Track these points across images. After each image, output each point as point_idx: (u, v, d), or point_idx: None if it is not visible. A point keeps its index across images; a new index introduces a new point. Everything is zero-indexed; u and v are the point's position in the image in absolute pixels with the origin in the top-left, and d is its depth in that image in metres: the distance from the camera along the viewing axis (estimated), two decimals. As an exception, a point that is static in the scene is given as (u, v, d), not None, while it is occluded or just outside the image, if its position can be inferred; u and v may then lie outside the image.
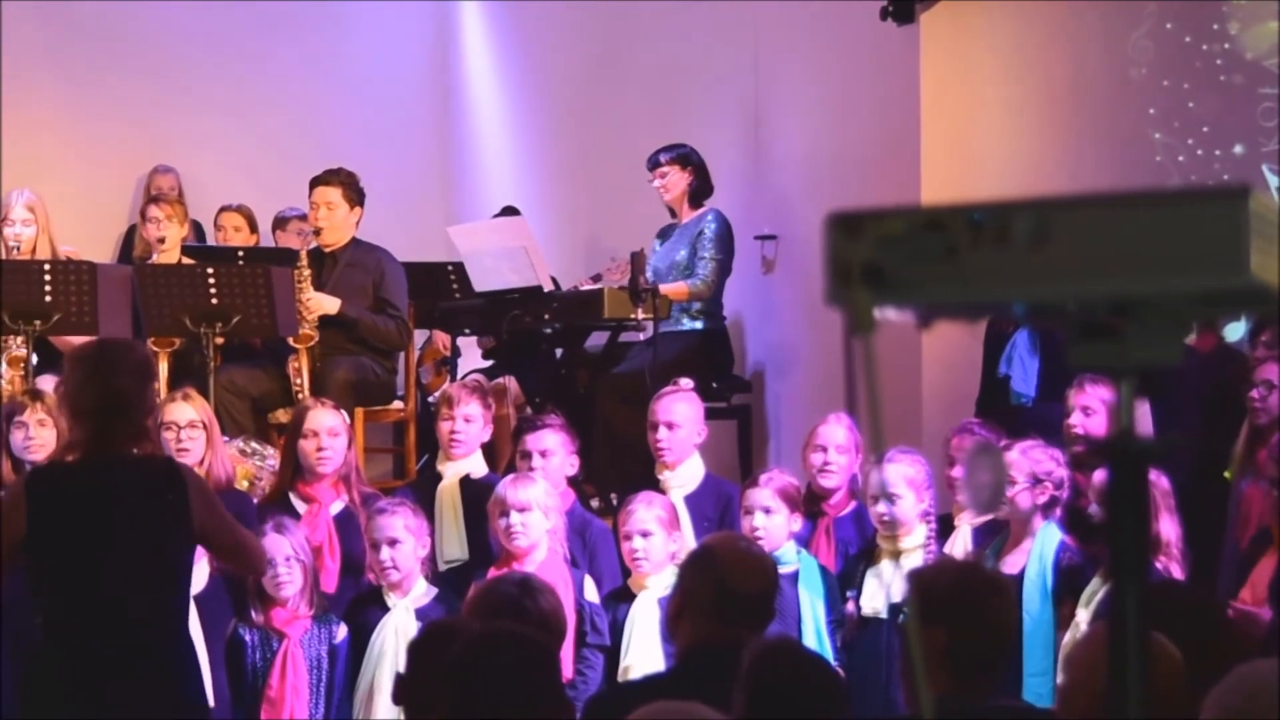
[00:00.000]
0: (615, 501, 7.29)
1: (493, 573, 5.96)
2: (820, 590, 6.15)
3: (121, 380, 4.67)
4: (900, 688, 4.91)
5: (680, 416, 6.79)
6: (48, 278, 7.65)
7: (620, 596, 6.20)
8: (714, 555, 4.31)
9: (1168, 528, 5.67)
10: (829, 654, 5.96)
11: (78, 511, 4.65)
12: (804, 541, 6.36)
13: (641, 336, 8.14)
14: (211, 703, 5.57)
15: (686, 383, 7.09)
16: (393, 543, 6.03)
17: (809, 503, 6.45)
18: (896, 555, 6.10)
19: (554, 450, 6.64)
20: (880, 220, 1.93)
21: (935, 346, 7.92)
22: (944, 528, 6.29)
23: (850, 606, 6.12)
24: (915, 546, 6.10)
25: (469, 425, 6.86)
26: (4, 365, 7.96)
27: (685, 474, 6.77)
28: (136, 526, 4.66)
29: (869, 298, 1.91)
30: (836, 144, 8.75)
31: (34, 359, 7.72)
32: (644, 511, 6.16)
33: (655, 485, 6.64)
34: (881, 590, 6.05)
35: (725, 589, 4.16)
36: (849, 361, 1.92)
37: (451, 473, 6.87)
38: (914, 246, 1.91)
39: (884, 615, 5.98)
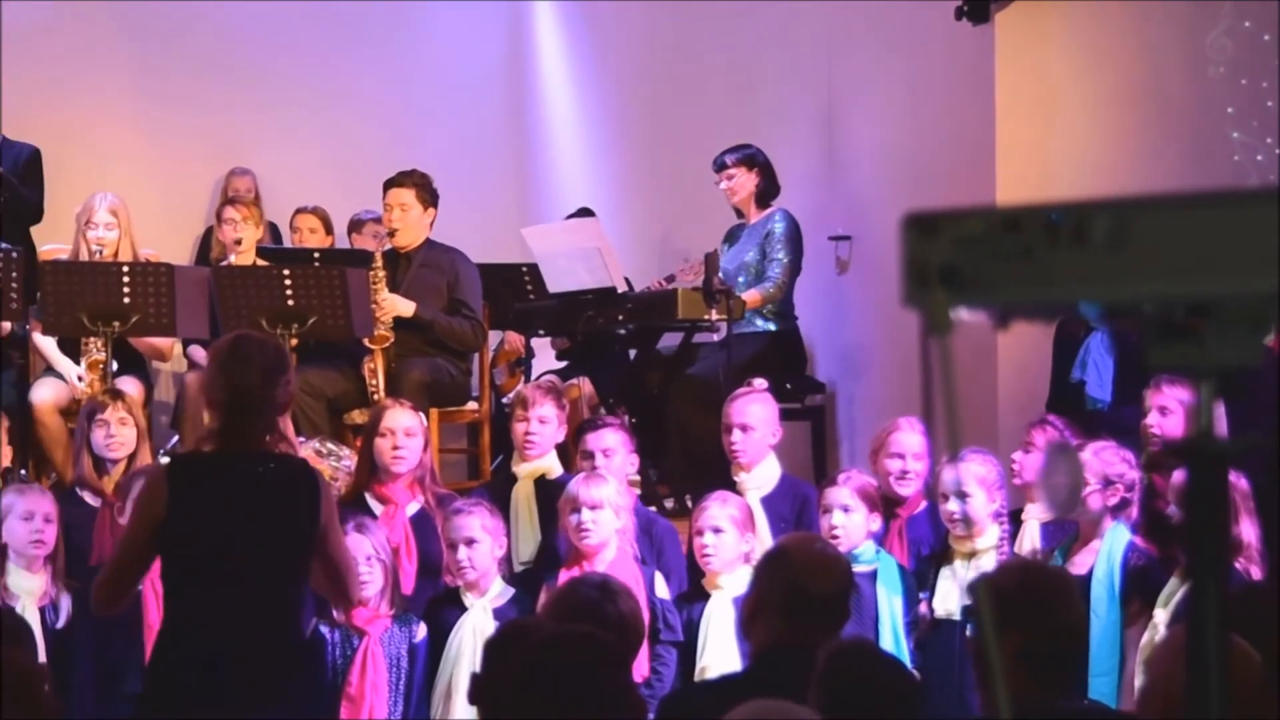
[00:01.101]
0: (690, 503, 7.30)
1: (564, 572, 5.99)
2: (899, 590, 6.13)
3: (250, 375, 4.72)
4: (974, 689, 4.89)
5: (754, 418, 6.78)
6: (126, 280, 7.71)
7: (693, 596, 6.21)
8: (788, 556, 4.30)
9: (1248, 530, 5.65)
10: (906, 655, 5.95)
11: (215, 502, 4.71)
12: (879, 541, 6.34)
13: (715, 337, 8.13)
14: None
15: (760, 383, 7.07)
16: (470, 542, 6.05)
17: (883, 503, 6.44)
18: (970, 556, 6.08)
19: (615, 449, 6.64)
20: (957, 221, 1.93)
21: (1010, 348, 7.89)
22: (1014, 524, 6.28)
23: (924, 607, 6.11)
24: (989, 547, 6.08)
25: (544, 426, 6.86)
26: (84, 366, 8.04)
27: (761, 475, 6.76)
28: (269, 521, 4.72)
29: (946, 299, 1.90)
30: (911, 144, 8.73)
31: (115, 367, 7.79)
32: (717, 509, 6.16)
33: (731, 486, 6.63)
34: (955, 591, 6.03)
35: (800, 590, 4.15)
36: (925, 363, 1.92)
37: (526, 474, 6.88)
38: (991, 247, 1.91)
39: (957, 616, 5.96)
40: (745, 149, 8.75)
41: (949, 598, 6.05)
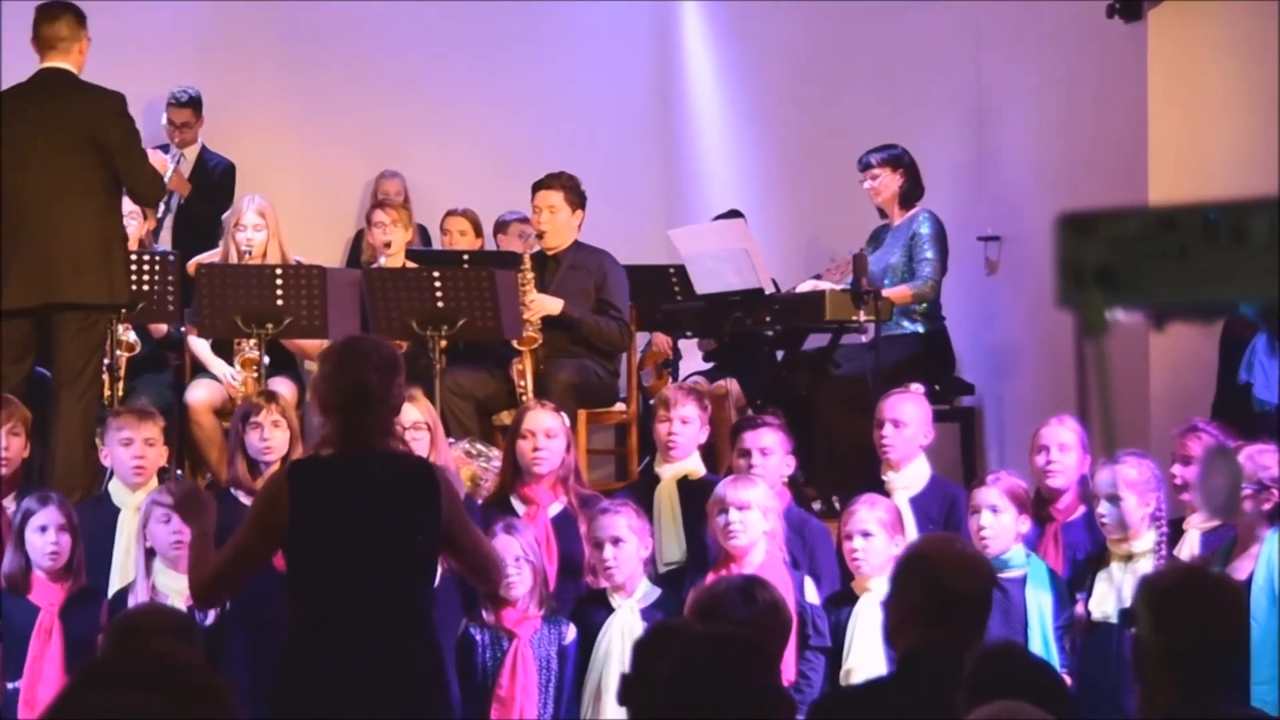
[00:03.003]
0: (837, 505, 7.28)
1: (712, 575, 5.99)
2: (1049, 594, 6.08)
3: (367, 375, 4.74)
4: (1132, 693, 4.84)
5: (907, 415, 6.76)
6: (279, 282, 7.81)
7: (842, 599, 6.19)
8: (927, 559, 4.27)
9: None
10: (1056, 659, 5.89)
11: (336, 505, 4.73)
12: (1032, 545, 6.29)
13: (863, 339, 8.10)
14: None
15: (917, 388, 7.08)
16: (616, 541, 6.06)
17: (1037, 507, 6.38)
18: (1127, 559, 6.01)
19: (772, 449, 6.64)
20: (1113, 221, 1.91)
21: (1163, 348, 7.79)
22: (1175, 532, 6.20)
23: (1080, 609, 6.05)
24: (1146, 551, 6.01)
25: (685, 427, 6.87)
26: (237, 365, 8.15)
27: (911, 475, 6.75)
28: (391, 522, 4.73)
29: (1102, 299, 1.89)
30: (1061, 143, 8.64)
31: (266, 361, 7.88)
32: (865, 512, 6.16)
33: (877, 488, 6.61)
34: (1112, 594, 5.96)
35: (941, 591, 4.13)
36: (1080, 364, 1.91)
37: (669, 474, 6.89)
38: (1147, 247, 1.89)
39: (1114, 619, 5.89)
40: (890, 149, 8.70)
41: (1106, 601, 5.98)
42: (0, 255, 7.22)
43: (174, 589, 5.95)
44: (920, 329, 8.50)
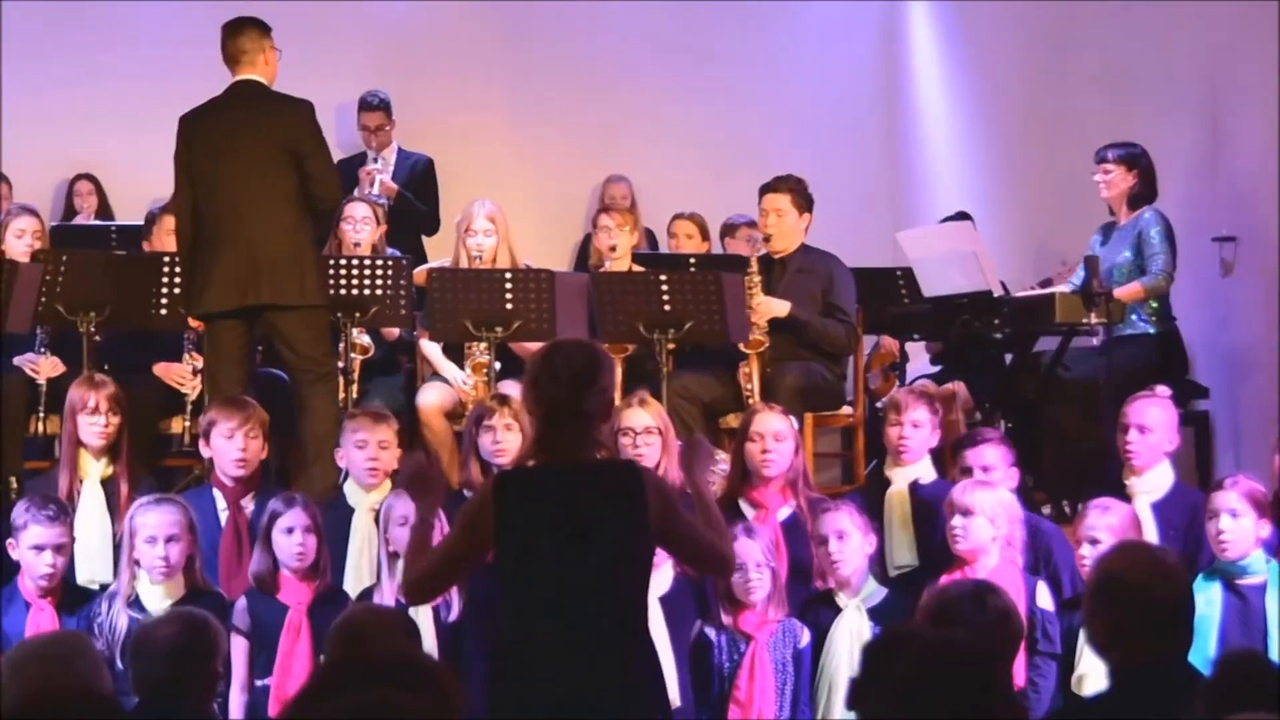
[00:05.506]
0: (1068, 509, 7.20)
1: (944, 577, 5.97)
2: (1291, 602, 5.97)
3: (556, 393, 4.68)
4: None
5: (1153, 420, 6.69)
6: (509, 286, 7.90)
7: (1076, 605, 6.11)
8: (1123, 575, 4.15)
9: None
10: (1297, 669, 5.77)
11: (542, 516, 4.68)
12: (1271, 550, 6.17)
13: (1094, 341, 7.99)
14: (678, 702, 5.66)
15: (1164, 391, 6.95)
16: (840, 536, 6.09)
17: (1275, 511, 6.25)
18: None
19: (995, 465, 6.58)
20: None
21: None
22: None
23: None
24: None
25: (917, 431, 6.86)
26: (468, 369, 8.27)
27: (1153, 480, 6.67)
28: (598, 530, 4.67)
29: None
30: (1300, 142, 8.45)
31: (497, 365, 7.98)
32: (1096, 518, 6.13)
33: (1108, 492, 6.52)
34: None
35: (1145, 606, 4.03)
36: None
37: (900, 478, 6.88)
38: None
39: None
40: (1130, 148, 8.56)
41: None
42: (203, 261, 7.49)
43: None
44: (1152, 330, 8.36)
